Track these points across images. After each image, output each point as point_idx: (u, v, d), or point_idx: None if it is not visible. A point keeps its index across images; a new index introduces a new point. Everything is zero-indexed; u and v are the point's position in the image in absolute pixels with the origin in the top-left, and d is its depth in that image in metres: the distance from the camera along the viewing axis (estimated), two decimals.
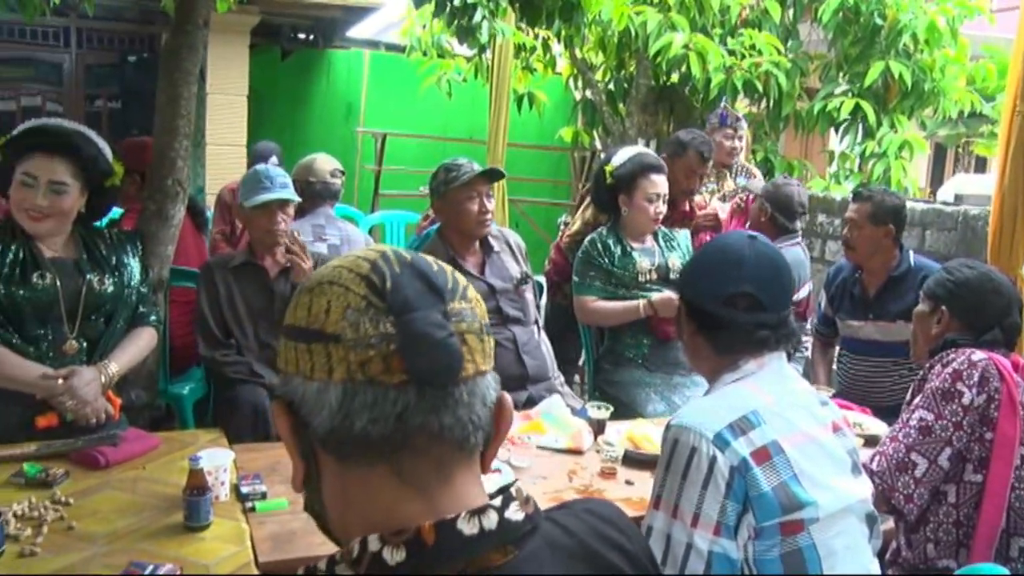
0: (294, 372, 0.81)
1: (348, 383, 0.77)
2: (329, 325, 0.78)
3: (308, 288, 0.83)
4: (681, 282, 1.85)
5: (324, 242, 3.54)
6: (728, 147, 4.37)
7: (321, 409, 0.78)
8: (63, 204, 2.31)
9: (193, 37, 2.82)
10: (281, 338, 0.84)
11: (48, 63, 9.08)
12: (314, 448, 0.81)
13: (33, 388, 2.25)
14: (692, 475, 1.47)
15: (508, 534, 0.76)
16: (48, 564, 1.67)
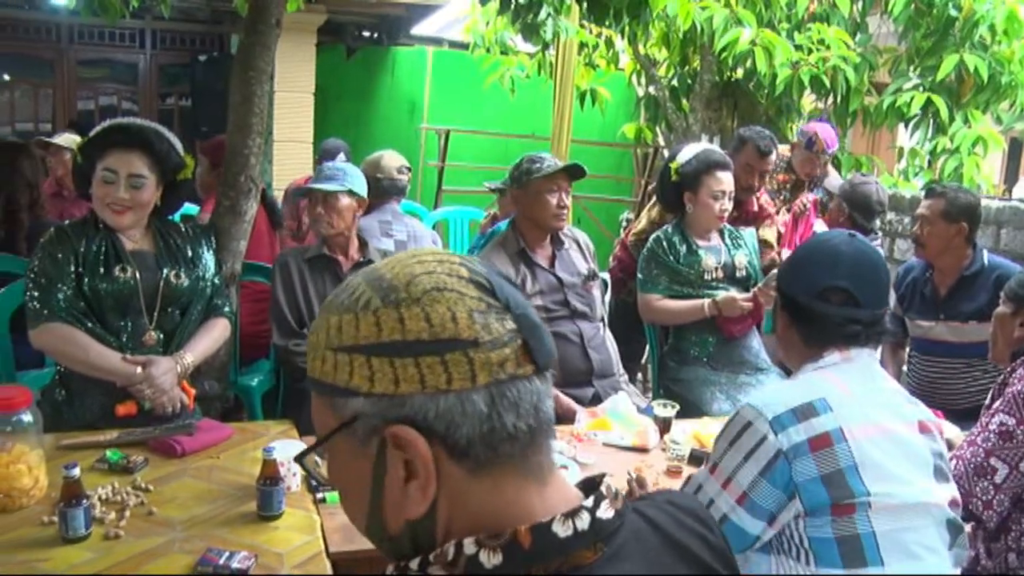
0: (414, 391, 0.75)
1: (493, 385, 0.75)
2: (462, 331, 0.75)
3: (408, 300, 0.76)
4: (779, 276, 1.89)
5: (391, 238, 3.58)
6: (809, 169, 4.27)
7: (466, 418, 0.75)
8: (142, 197, 2.39)
9: (266, 36, 2.87)
10: (376, 359, 0.76)
11: (124, 63, 9.35)
12: (437, 466, 0.77)
13: (114, 376, 2.33)
14: (740, 443, 1.56)
15: (599, 532, 0.77)
16: (131, 547, 1.73)
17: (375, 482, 0.79)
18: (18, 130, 9.04)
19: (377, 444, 0.77)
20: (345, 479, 0.83)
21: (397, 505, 0.78)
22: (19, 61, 9.24)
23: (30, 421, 1.89)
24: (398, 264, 0.81)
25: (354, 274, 0.84)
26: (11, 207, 3.40)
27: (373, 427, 0.76)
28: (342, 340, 0.77)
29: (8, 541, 1.74)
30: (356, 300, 0.79)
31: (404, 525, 0.79)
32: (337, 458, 0.82)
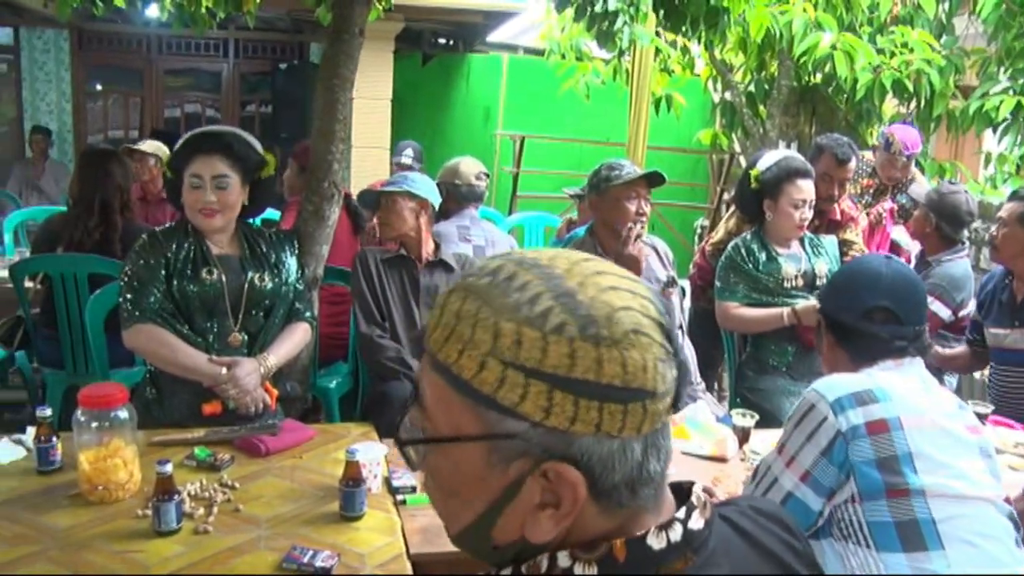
0: (587, 432, 0.71)
1: (650, 434, 0.74)
2: (649, 382, 0.72)
3: (609, 340, 0.71)
4: (820, 298, 1.99)
5: (469, 243, 3.61)
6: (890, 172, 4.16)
7: (622, 464, 0.73)
8: (229, 197, 2.46)
9: (349, 45, 2.92)
10: (560, 393, 0.70)
11: (208, 72, 9.64)
12: None
13: (201, 376, 2.40)
14: (803, 425, 1.66)
15: (691, 543, 0.77)
16: (219, 542, 1.78)
17: (501, 499, 0.76)
18: (110, 137, 9.40)
19: (522, 469, 0.73)
20: (461, 484, 0.78)
21: (516, 524, 0.76)
22: (111, 72, 9.61)
23: (126, 418, 1.97)
24: (587, 282, 0.74)
25: (513, 263, 0.76)
26: (105, 210, 3.53)
27: (530, 455, 0.72)
28: (519, 358, 0.71)
29: (105, 532, 1.81)
30: (544, 316, 0.71)
31: (516, 542, 0.77)
32: (458, 461, 0.77)
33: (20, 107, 9.12)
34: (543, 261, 0.76)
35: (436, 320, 0.77)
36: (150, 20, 8.03)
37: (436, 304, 0.78)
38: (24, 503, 1.92)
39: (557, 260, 0.76)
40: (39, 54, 9.08)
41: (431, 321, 0.78)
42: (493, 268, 0.77)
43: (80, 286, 3.41)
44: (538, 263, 0.76)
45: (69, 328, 3.48)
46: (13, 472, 2.08)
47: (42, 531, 1.80)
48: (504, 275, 0.75)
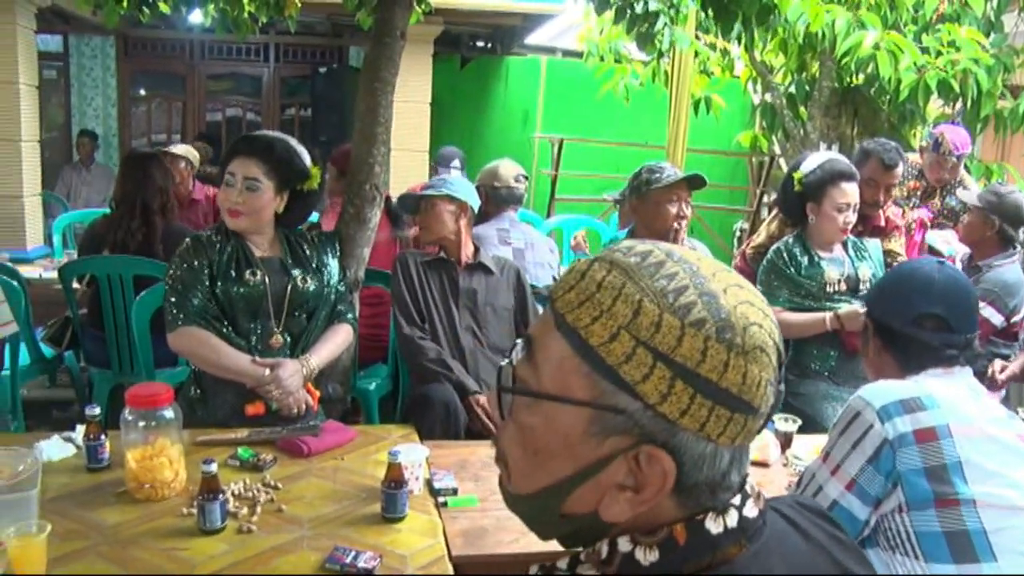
0: (691, 428, 0.73)
1: (739, 448, 0.76)
2: (757, 399, 0.74)
3: (740, 350, 0.73)
4: (869, 302, 1.93)
5: (508, 245, 3.62)
6: (938, 174, 4.09)
7: (706, 468, 0.75)
8: (256, 201, 2.46)
9: (391, 49, 2.94)
10: (682, 383, 0.72)
11: (249, 76, 9.77)
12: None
13: (244, 377, 2.42)
14: (849, 433, 1.62)
15: (746, 530, 0.78)
16: (263, 541, 1.80)
17: (586, 471, 0.76)
18: (153, 141, 9.55)
19: (617, 446, 0.75)
20: (548, 445, 0.78)
21: (592, 498, 0.77)
22: (154, 77, 9.78)
23: (171, 417, 2.00)
24: (729, 291, 0.76)
25: (663, 252, 0.78)
26: (146, 212, 3.59)
27: (630, 435, 0.74)
28: (654, 341, 0.72)
29: (152, 529, 1.84)
30: (687, 309, 0.73)
31: (585, 516, 0.78)
32: (554, 422, 0.77)
33: (68, 112, 9.31)
34: (690, 258, 0.78)
35: (571, 284, 0.77)
36: (193, 26, 8.15)
37: (573, 269, 0.79)
38: (75, 500, 1.96)
39: (703, 262, 0.78)
40: (87, 60, 9.27)
41: (563, 283, 0.78)
42: (642, 251, 0.78)
43: (126, 287, 3.47)
44: (686, 259, 0.77)
45: (115, 328, 3.54)
46: (64, 469, 2.12)
47: (92, 527, 1.84)
48: (654, 260, 0.77)
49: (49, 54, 8.92)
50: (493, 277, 3.06)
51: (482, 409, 2.76)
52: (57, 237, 5.54)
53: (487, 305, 3.02)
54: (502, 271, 3.09)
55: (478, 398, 2.79)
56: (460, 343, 2.94)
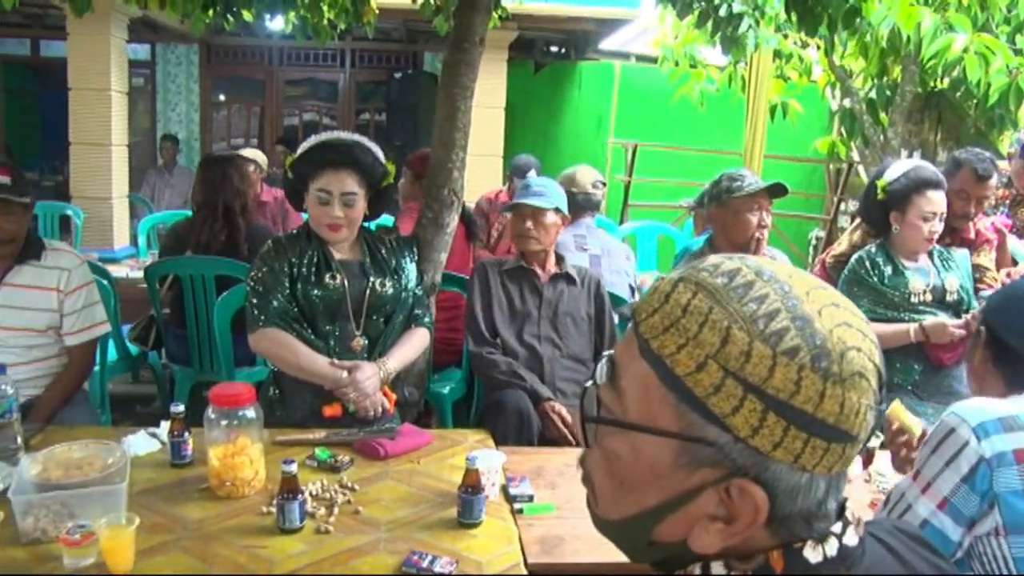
0: (787, 460, 0.69)
1: (836, 475, 0.73)
2: (856, 427, 0.70)
3: (837, 378, 0.69)
4: (989, 310, 1.79)
5: (585, 252, 3.60)
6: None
7: (801, 498, 0.71)
8: (355, 213, 2.52)
9: (470, 54, 2.95)
10: (774, 416, 0.68)
11: (326, 82, 9.95)
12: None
13: (322, 379, 2.45)
14: (942, 450, 1.54)
15: (845, 559, 0.75)
16: (340, 543, 1.81)
17: (674, 501, 0.74)
18: (232, 145, 9.80)
19: (707, 478, 0.71)
20: (635, 474, 0.76)
21: (682, 528, 0.74)
22: (234, 82, 10.03)
23: (253, 417, 2.03)
24: (825, 312, 0.71)
25: (751, 271, 0.73)
26: (228, 214, 3.67)
27: (720, 467, 0.71)
28: (744, 371, 0.68)
29: (232, 527, 1.87)
30: (779, 336, 0.69)
31: (676, 544, 0.75)
32: (641, 452, 0.74)
33: (154, 117, 9.61)
34: (781, 276, 0.74)
35: (655, 307, 0.74)
36: (272, 33, 8.33)
37: (657, 290, 0.75)
38: (159, 494, 2.01)
39: (795, 280, 0.73)
40: (172, 67, 9.56)
41: (646, 305, 0.75)
42: (729, 270, 0.74)
43: (207, 287, 3.55)
44: (776, 277, 0.73)
45: (196, 327, 3.62)
46: (149, 464, 2.17)
47: (176, 521, 1.88)
48: (742, 280, 0.72)
49: (138, 62, 9.21)
50: (575, 287, 3.04)
51: (557, 416, 2.75)
52: (142, 238, 5.71)
53: (567, 315, 3.00)
54: (583, 281, 3.06)
55: (553, 404, 2.77)
56: (539, 352, 2.93)
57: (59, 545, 1.68)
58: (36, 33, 9.27)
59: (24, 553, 1.73)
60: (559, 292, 3.02)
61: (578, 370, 2.97)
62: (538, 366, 2.90)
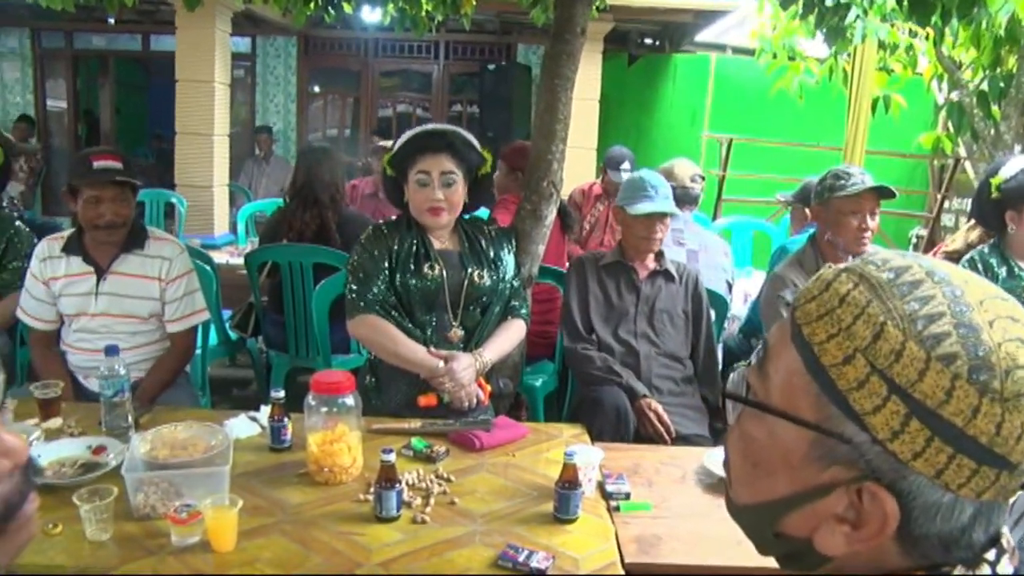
0: (928, 474, 0.65)
1: (987, 504, 0.67)
2: (1016, 453, 0.64)
3: (997, 396, 0.63)
4: None
5: (682, 247, 3.53)
6: None
7: (940, 519, 0.67)
8: (455, 196, 2.52)
9: (572, 45, 2.92)
10: (918, 423, 0.64)
11: (419, 74, 10.05)
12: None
13: (419, 368, 2.46)
14: None
15: None
16: (436, 533, 1.81)
17: (803, 495, 0.72)
18: (327, 136, 9.99)
19: (838, 476, 0.69)
20: (768, 460, 0.74)
21: (808, 524, 0.72)
22: (329, 74, 10.22)
23: (352, 405, 2.04)
24: (997, 324, 0.66)
25: (923, 270, 0.70)
26: (317, 205, 3.73)
27: (854, 467, 0.67)
28: (892, 371, 0.65)
29: (330, 512, 1.88)
30: (936, 340, 0.65)
31: (800, 540, 0.73)
32: (777, 438, 0.73)
33: (252, 108, 9.86)
34: (955, 280, 0.69)
35: (814, 294, 0.72)
36: (367, 25, 8.45)
37: (820, 277, 0.73)
38: (259, 477, 2.04)
39: (971, 286, 0.69)
40: (271, 60, 9.79)
41: (806, 292, 0.73)
42: (899, 266, 0.71)
43: (305, 275, 3.61)
44: (949, 280, 0.69)
45: (293, 314, 3.69)
46: (250, 447, 2.21)
47: (275, 504, 1.91)
48: (909, 278, 0.69)
49: (239, 55, 9.46)
50: (673, 284, 2.98)
51: (653, 413, 2.70)
52: (241, 225, 5.86)
53: (664, 312, 2.94)
54: (681, 277, 3.01)
55: (649, 402, 2.73)
56: (635, 349, 2.88)
57: (167, 522, 1.73)
58: (147, 28, 9.61)
59: (136, 527, 1.78)
60: (657, 288, 2.97)
61: (674, 367, 2.92)
62: (634, 363, 2.86)
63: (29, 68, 10.02)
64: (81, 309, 2.76)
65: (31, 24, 9.74)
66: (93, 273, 2.75)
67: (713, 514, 1.97)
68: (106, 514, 1.74)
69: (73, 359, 2.83)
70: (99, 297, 2.75)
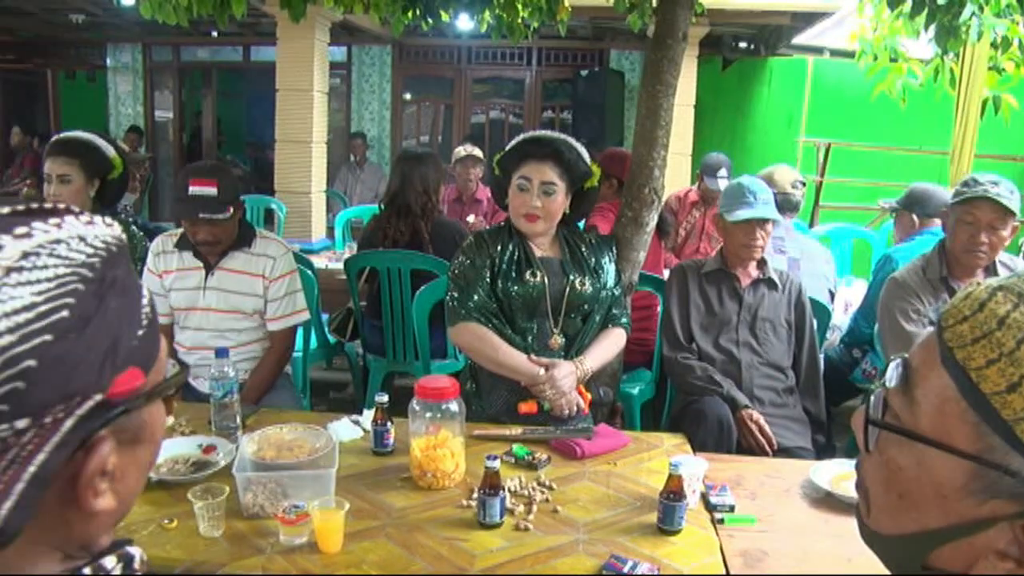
0: None
1: None
2: None
3: None
4: None
5: (783, 255, 3.46)
6: None
7: None
8: (553, 206, 2.51)
9: (673, 51, 2.88)
10: None
11: (512, 80, 10.10)
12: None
13: (519, 375, 2.46)
14: None
15: None
16: (539, 541, 1.80)
17: (959, 528, 0.67)
18: (421, 142, 10.14)
19: (1000, 510, 0.64)
20: (917, 491, 0.70)
21: (963, 559, 0.68)
22: (423, 81, 10.36)
23: (456, 411, 2.06)
24: None
25: None
26: (409, 214, 3.76)
27: (1020, 502, 0.63)
28: None
29: (433, 517, 1.90)
30: None
31: (952, 575, 0.69)
32: (929, 469, 0.68)
33: (348, 116, 10.07)
34: None
35: (965, 315, 0.67)
36: (461, 33, 8.53)
37: (970, 296, 0.68)
38: (363, 480, 2.07)
39: None
40: (366, 68, 9.99)
41: (954, 311, 0.68)
42: None
43: (403, 280, 3.66)
44: None
45: (391, 319, 3.74)
46: (353, 450, 2.25)
47: (379, 508, 1.93)
48: None
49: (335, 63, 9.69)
50: (776, 292, 2.92)
51: (755, 424, 2.65)
52: (339, 231, 5.99)
53: (766, 321, 2.88)
54: (784, 286, 2.94)
55: (751, 412, 2.67)
56: (736, 358, 2.83)
57: (276, 522, 1.77)
58: (248, 40, 9.94)
59: (245, 526, 1.83)
60: (760, 297, 2.91)
61: (776, 378, 2.85)
62: (735, 372, 2.81)
63: (140, 81, 10.48)
64: (191, 303, 2.85)
65: (143, 39, 10.20)
66: (202, 268, 2.84)
67: (820, 529, 1.91)
68: (218, 512, 1.79)
69: (183, 359, 2.92)
70: (207, 292, 2.84)
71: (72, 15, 8.82)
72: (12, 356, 0.55)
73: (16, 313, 0.56)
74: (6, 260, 0.57)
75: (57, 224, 0.61)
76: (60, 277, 0.59)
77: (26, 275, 0.57)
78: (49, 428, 0.58)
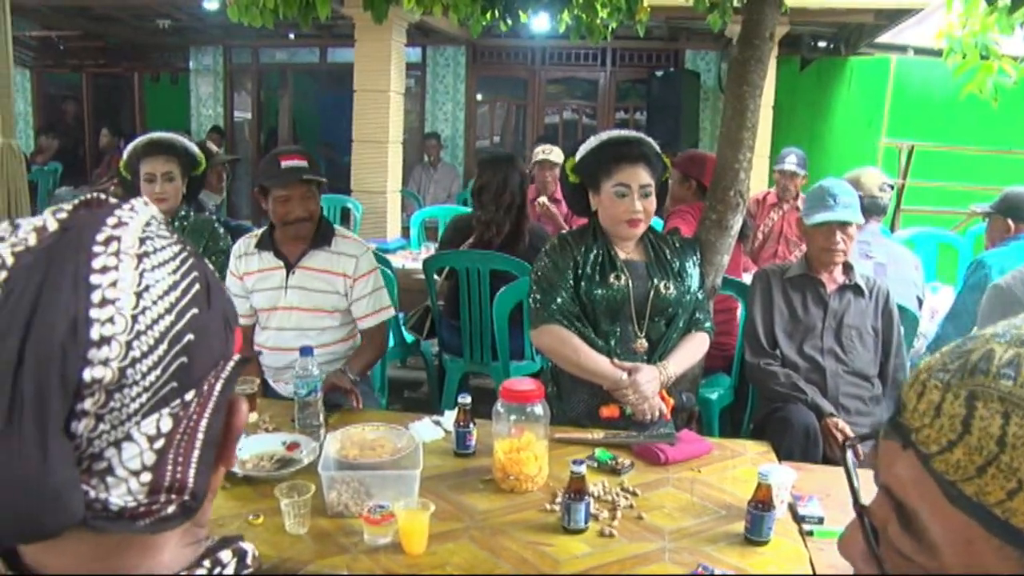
0: None
1: None
2: None
3: None
4: None
5: (870, 259, 3.37)
6: None
7: None
8: (651, 206, 2.50)
9: (760, 51, 2.83)
10: None
11: (586, 81, 10.06)
12: None
13: (601, 379, 2.45)
14: None
15: None
16: (624, 548, 1.79)
17: None
18: (494, 142, 10.18)
19: None
20: None
21: None
22: (498, 82, 10.39)
23: (540, 414, 2.06)
24: None
25: None
26: (509, 212, 3.76)
27: None
28: None
29: (516, 521, 1.90)
30: None
31: None
32: (970, 545, 0.57)
33: (422, 116, 10.16)
34: None
35: (950, 439, 0.56)
36: (535, 34, 8.52)
37: (942, 413, 0.57)
38: (446, 482, 2.09)
39: None
40: (440, 69, 10.06)
41: (934, 434, 0.58)
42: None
43: (483, 281, 3.66)
44: None
45: (470, 320, 3.75)
46: (435, 451, 2.26)
47: (462, 510, 1.94)
48: None
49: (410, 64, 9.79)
50: (862, 299, 2.85)
51: (841, 433, 2.58)
52: (414, 230, 6.04)
53: (852, 328, 2.81)
54: (871, 292, 2.86)
55: (836, 421, 2.61)
56: (821, 366, 2.77)
57: (360, 521, 1.79)
58: (325, 42, 10.10)
59: (330, 524, 1.86)
60: (846, 303, 2.84)
61: (862, 387, 2.78)
62: (819, 380, 2.75)
63: (220, 83, 10.74)
64: (273, 303, 2.89)
65: (224, 42, 10.45)
66: (283, 267, 2.87)
67: None
68: (304, 509, 1.82)
69: (265, 360, 2.96)
70: (288, 291, 2.87)
71: (160, 20, 9.09)
72: (176, 334, 0.59)
73: (166, 294, 0.59)
74: (131, 248, 0.59)
75: (131, 208, 0.62)
76: (177, 254, 0.62)
77: (154, 258, 0.60)
78: (206, 395, 0.62)
